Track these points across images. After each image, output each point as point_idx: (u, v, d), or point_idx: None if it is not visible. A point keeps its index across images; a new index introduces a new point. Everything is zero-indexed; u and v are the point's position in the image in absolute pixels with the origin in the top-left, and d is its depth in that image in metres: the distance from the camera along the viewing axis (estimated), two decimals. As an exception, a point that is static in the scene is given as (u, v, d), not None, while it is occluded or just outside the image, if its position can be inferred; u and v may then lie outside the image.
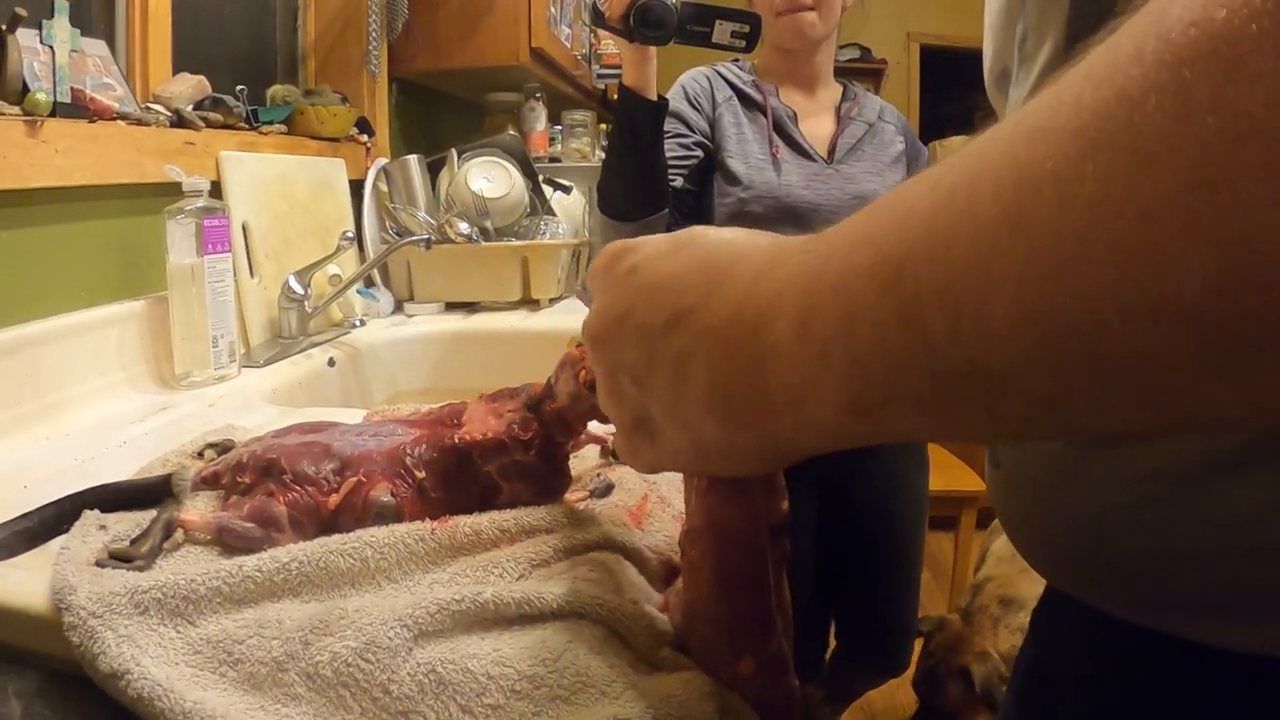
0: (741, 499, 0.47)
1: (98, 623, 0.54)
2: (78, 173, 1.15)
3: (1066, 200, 0.24)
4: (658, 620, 0.55)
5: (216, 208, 1.25)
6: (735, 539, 0.47)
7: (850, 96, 1.74)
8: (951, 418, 0.30)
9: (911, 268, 0.29)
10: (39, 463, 0.91)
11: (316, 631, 0.52)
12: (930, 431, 0.32)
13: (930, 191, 0.29)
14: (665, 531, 0.69)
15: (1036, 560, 0.54)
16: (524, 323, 1.80)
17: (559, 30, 2.50)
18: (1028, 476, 0.51)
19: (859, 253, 0.31)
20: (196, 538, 0.66)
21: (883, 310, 0.29)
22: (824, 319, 0.32)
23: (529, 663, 0.50)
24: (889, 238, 0.30)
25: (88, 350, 1.14)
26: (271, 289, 1.52)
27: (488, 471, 0.67)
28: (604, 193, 1.58)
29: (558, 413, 0.65)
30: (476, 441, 0.67)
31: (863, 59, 5.61)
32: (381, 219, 1.97)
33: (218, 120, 1.47)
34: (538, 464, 0.67)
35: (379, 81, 2.01)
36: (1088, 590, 0.49)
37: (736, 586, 0.48)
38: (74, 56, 1.20)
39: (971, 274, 0.27)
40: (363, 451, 0.68)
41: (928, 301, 0.28)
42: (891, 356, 0.30)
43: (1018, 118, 0.27)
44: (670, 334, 0.39)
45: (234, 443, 0.82)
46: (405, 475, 0.66)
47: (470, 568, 0.60)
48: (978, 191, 0.27)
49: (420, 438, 0.68)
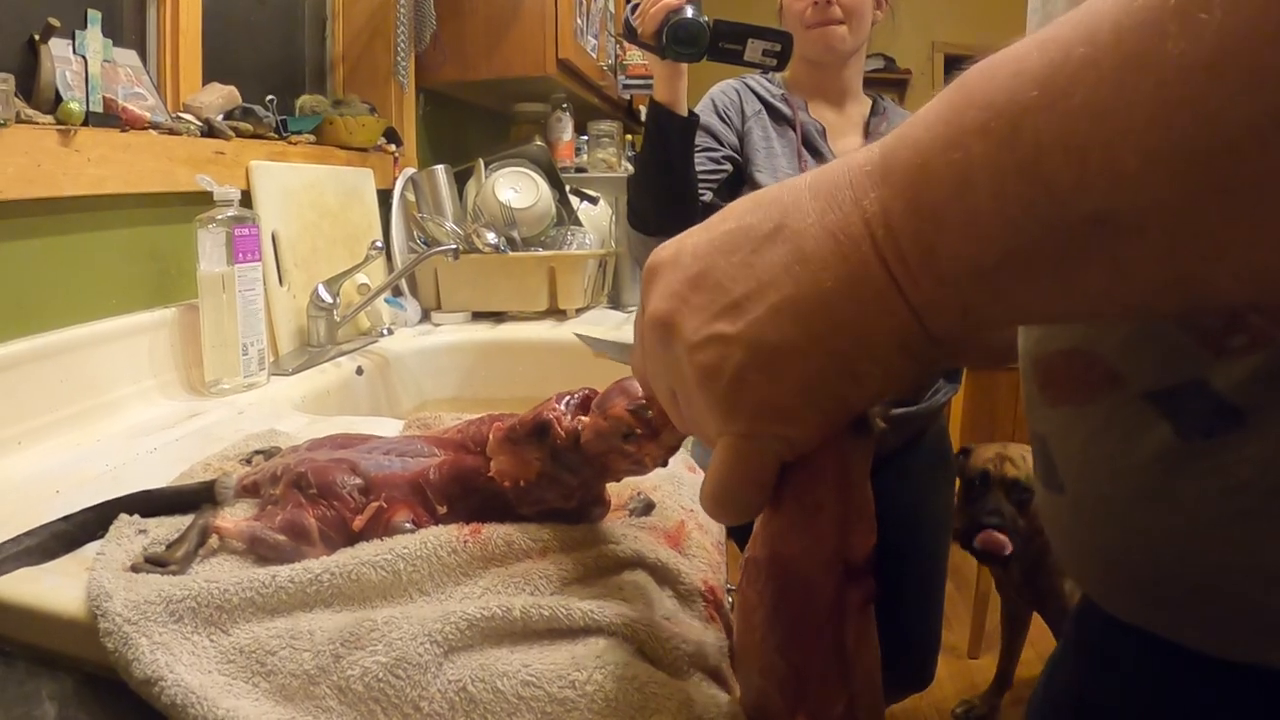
0: (814, 529, 0.40)
1: (133, 629, 0.54)
2: (110, 181, 1.16)
3: (1193, 33, 0.25)
4: (688, 640, 0.54)
5: (246, 217, 1.26)
6: (800, 578, 0.40)
7: (879, 111, 1.74)
8: (1071, 276, 0.29)
9: (1030, 120, 0.28)
10: (71, 468, 0.91)
11: (348, 644, 0.52)
12: (1046, 299, 0.31)
13: (1040, 49, 0.29)
14: (703, 558, 0.68)
15: (1103, 589, 0.52)
16: (550, 333, 1.80)
17: (585, 41, 2.50)
18: (1099, 499, 0.49)
19: (968, 115, 0.31)
20: (231, 545, 0.66)
21: (1000, 165, 0.29)
22: (936, 183, 0.31)
23: (558, 685, 0.50)
24: (999, 95, 0.30)
25: (119, 357, 1.15)
26: (300, 298, 1.53)
27: (523, 513, 0.65)
28: (634, 206, 1.58)
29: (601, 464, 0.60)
30: (510, 488, 0.64)
31: (887, 69, 5.59)
32: (409, 229, 1.98)
33: (247, 130, 1.49)
34: (578, 507, 0.65)
35: (407, 92, 2.03)
36: (1160, 619, 0.48)
37: (798, 635, 0.41)
38: (106, 66, 1.22)
39: (1097, 119, 0.27)
40: (387, 474, 0.67)
41: (1050, 151, 0.28)
42: (1011, 210, 0.29)
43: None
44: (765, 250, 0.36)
45: (280, 449, 0.82)
46: (426, 504, 0.66)
47: (501, 581, 0.60)
48: (1096, 40, 0.27)
49: (443, 464, 0.67)
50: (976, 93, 0.31)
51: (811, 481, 0.40)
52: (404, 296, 1.89)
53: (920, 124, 0.33)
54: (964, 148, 0.30)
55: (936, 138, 0.32)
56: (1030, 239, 0.29)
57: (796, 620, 0.41)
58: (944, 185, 0.31)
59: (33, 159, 1.03)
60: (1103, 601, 0.53)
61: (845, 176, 0.35)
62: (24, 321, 1.06)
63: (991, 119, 0.30)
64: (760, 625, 0.42)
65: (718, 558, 0.71)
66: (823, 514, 0.40)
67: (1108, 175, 0.27)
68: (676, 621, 0.57)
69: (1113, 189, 0.27)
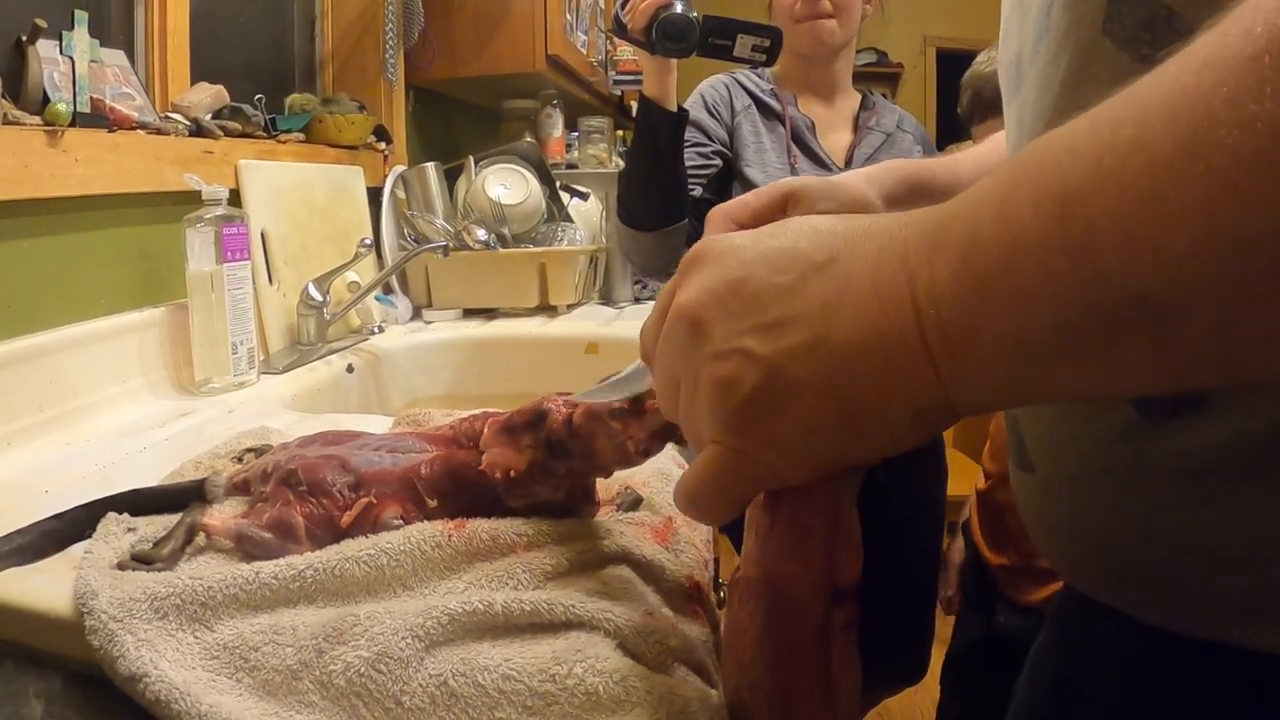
0: (805, 553, 0.42)
1: (118, 626, 0.55)
2: (98, 182, 1.17)
3: (1245, 123, 0.25)
4: (671, 635, 0.55)
5: (235, 216, 1.27)
6: (791, 601, 0.42)
7: (869, 106, 1.74)
8: (1114, 356, 0.30)
9: (1080, 200, 0.29)
10: (60, 468, 0.92)
11: (330, 640, 0.52)
12: (1086, 378, 0.31)
13: (1091, 129, 0.29)
14: (690, 554, 0.68)
15: (1073, 568, 0.53)
16: (542, 329, 1.81)
17: (575, 37, 2.50)
18: (1067, 478, 0.50)
19: (1019, 192, 0.31)
20: (219, 543, 0.67)
21: (1048, 241, 0.29)
22: (984, 251, 0.32)
23: (539, 678, 0.50)
24: (1051, 175, 0.30)
25: (109, 357, 1.15)
26: (290, 296, 1.53)
27: (511, 506, 0.65)
28: (624, 202, 1.58)
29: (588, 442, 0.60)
30: (499, 481, 0.64)
31: (879, 63, 5.60)
32: (400, 226, 1.98)
33: (236, 129, 1.49)
34: (565, 500, 0.65)
35: (396, 89, 2.03)
36: (1129, 597, 0.49)
37: (787, 655, 0.43)
38: (93, 67, 1.22)
39: (1146, 203, 0.27)
40: (377, 470, 0.67)
41: (1100, 232, 0.28)
42: (1056, 288, 0.29)
43: (1180, 55, 0.28)
44: (812, 280, 0.37)
45: (271, 447, 0.83)
46: (416, 500, 0.66)
47: (485, 576, 0.60)
48: (1147, 124, 0.27)
49: (435, 459, 0.67)
50: (1030, 169, 0.31)
51: (803, 506, 0.42)
52: (395, 294, 1.90)
53: (974, 197, 0.33)
54: (1014, 223, 0.31)
55: (987, 213, 0.32)
56: (1076, 317, 0.29)
57: (786, 639, 0.43)
58: (992, 259, 0.31)
59: (20, 160, 1.03)
60: (1073, 579, 0.54)
61: (902, 232, 0.35)
62: (13, 322, 1.06)
63: (1042, 197, 0.30)
64: (750, 643, 0.44)
65: (705, 554, 0.71)
66: (813, 539, 0.42)
67: (1156, 257, 0.27)
68: (659, 616, 0.57)
69: (1160, 271, 0.27)
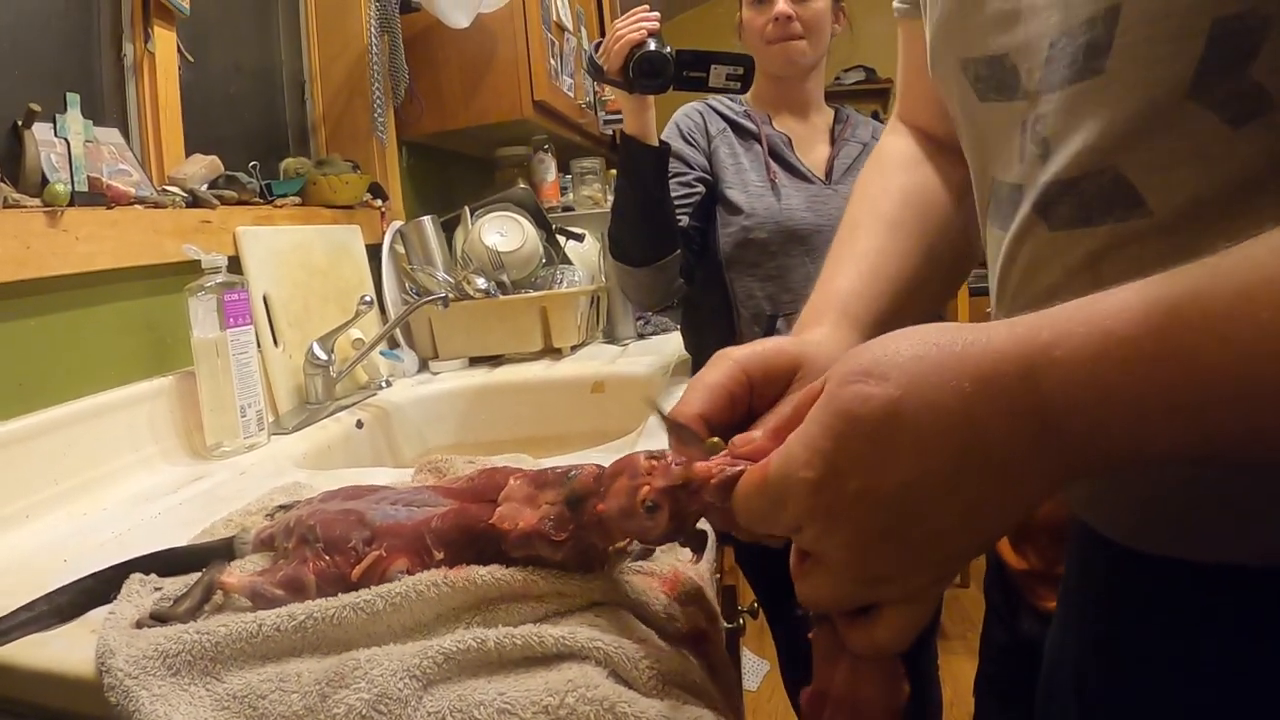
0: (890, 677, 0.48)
1: (134, 683, 0.57)
2: (99, 257, 1.20)
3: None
4: (661, 659, 0.56)
5: (235, 282, 1.30)
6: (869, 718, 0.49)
7: (843, 119, 1.78)
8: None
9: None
10: (78, 537, 0.94)
11: (333, 684, 0.54)
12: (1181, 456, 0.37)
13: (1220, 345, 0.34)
14: (700, 605, 0.66)
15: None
16: (547, 372, 1.83)
17: (560, 81, 2.55)
18: None
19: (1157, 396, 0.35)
20: (236, 600, 0.69)
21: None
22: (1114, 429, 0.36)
23: (533, 711, 0.51)
24: (1186, 392, 0.34)
25: (121, 427, 1.18)
26: (296, 356, 1.56)
27: (515, 559, 0.63)
28: (615, 240, 1.61)
29: (600, 519, 0.58)
30: (505, 532, 0.63)
31: (868, 80, 5.64)
32: (401, 280, 2.02)
33: (232, 197, 1.53)
34: (566, 562, 0.63)
35: (388, 146, 2.07)
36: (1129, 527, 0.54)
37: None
38: (89, 146, 1.26)
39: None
40: (391, 523, 0.67)
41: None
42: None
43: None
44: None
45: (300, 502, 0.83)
46: (424, 553, 0.66)
47: (480, 617, 0.61)
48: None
49: (449, 513, 0.66)
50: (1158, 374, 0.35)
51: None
52: (401, 348, 1.93)
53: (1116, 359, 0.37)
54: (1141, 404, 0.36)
55: (1122, 385, 0.36)
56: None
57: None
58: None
59: (21, 241, 1.07)
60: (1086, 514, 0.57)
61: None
62: (25, 399, 1.09)
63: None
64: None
65: (714, 607, 0.70)
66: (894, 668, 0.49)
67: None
68: (651, 643, 0.58)
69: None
